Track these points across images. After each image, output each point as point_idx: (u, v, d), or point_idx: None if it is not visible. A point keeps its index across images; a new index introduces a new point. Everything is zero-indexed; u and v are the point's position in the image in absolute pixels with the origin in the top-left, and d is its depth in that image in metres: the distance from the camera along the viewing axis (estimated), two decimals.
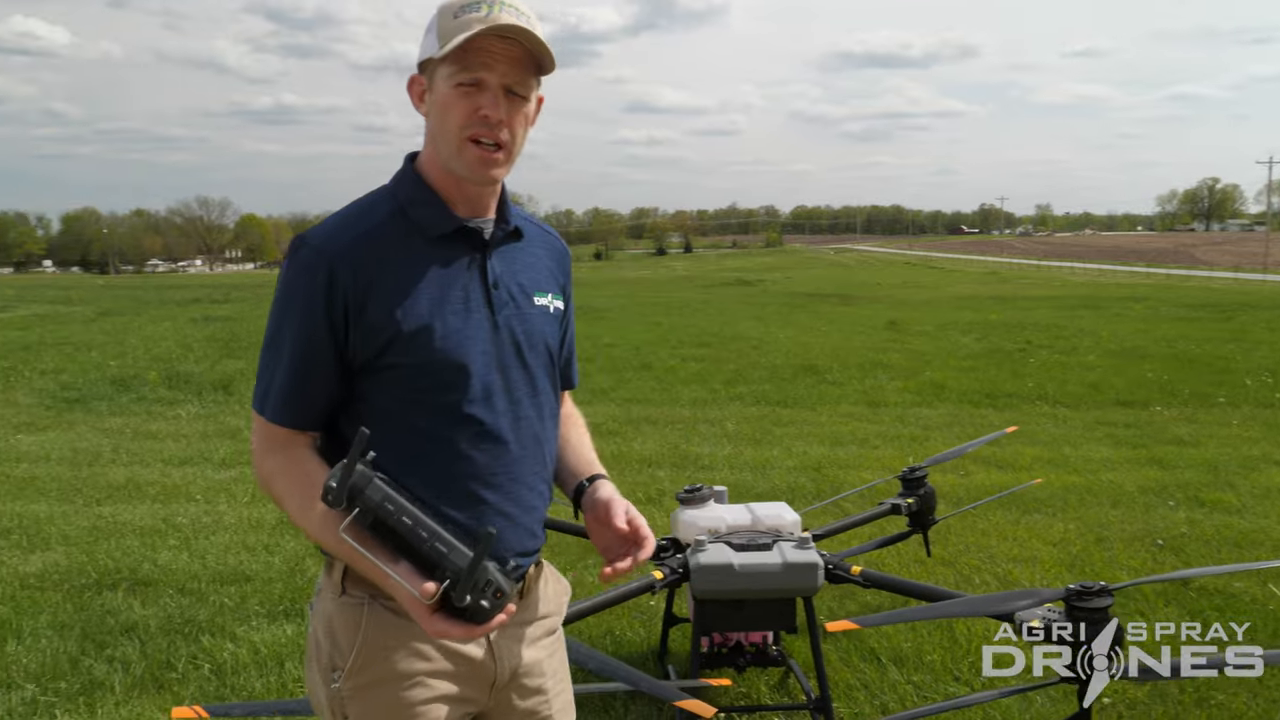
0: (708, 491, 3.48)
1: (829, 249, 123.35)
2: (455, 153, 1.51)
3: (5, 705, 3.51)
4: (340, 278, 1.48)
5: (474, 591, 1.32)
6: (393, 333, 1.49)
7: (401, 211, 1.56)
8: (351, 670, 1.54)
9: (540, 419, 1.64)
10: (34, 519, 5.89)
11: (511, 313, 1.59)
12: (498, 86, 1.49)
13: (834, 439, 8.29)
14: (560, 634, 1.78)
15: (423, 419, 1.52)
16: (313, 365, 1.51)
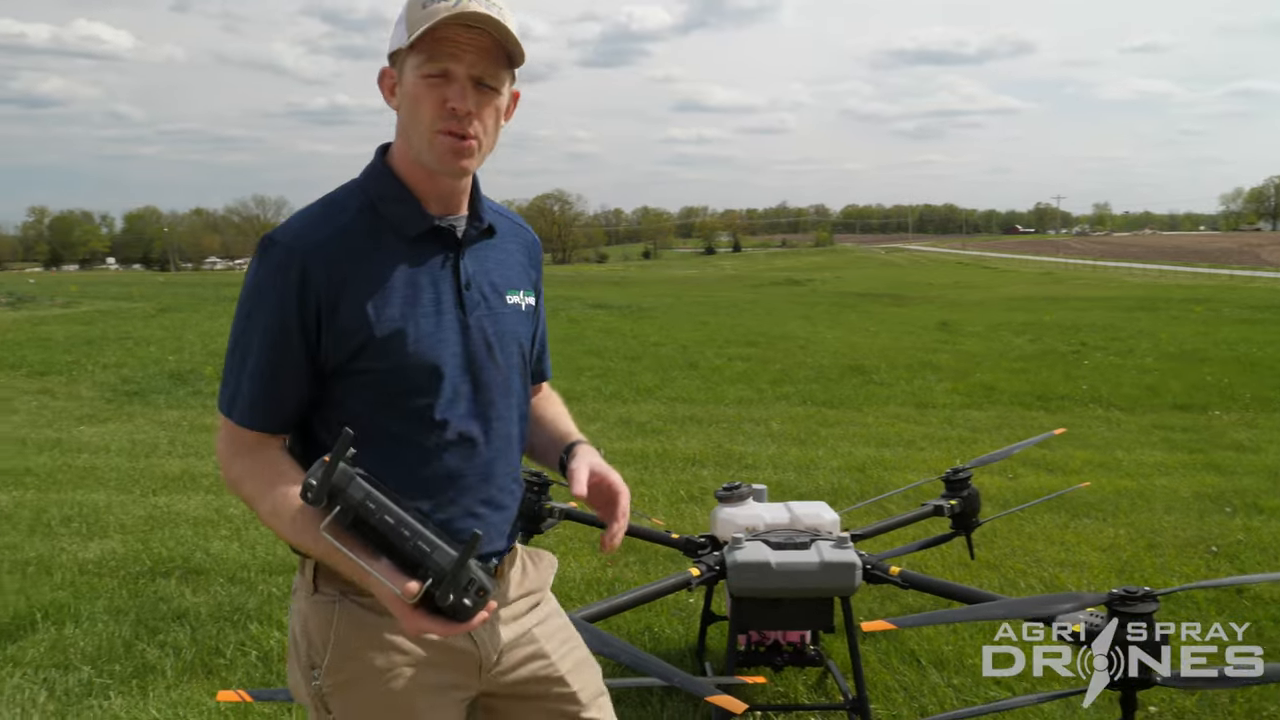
0: (746, 490, 3.49)
1: (880, 248, 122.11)
2: (426, 145, 1.48)
3: (63, 685, 3.62)
4: (313, 277, 1.45)
5: (458, 591, 1.32)
6: (365, 337, 1.47)
7: (372, 207, 1.53)
8: (329, 668, 1.55)
9: (513, 419, 1.65)
10: (93, 508, 6.07)
11: (483, 313, 1.58)
12: (465, 78, 1.46)
13: (880, 440, 8.21)
14: (549, 601, 1.79)
15: (394, 422, 1.51)
16: (282, 367, 1.48)
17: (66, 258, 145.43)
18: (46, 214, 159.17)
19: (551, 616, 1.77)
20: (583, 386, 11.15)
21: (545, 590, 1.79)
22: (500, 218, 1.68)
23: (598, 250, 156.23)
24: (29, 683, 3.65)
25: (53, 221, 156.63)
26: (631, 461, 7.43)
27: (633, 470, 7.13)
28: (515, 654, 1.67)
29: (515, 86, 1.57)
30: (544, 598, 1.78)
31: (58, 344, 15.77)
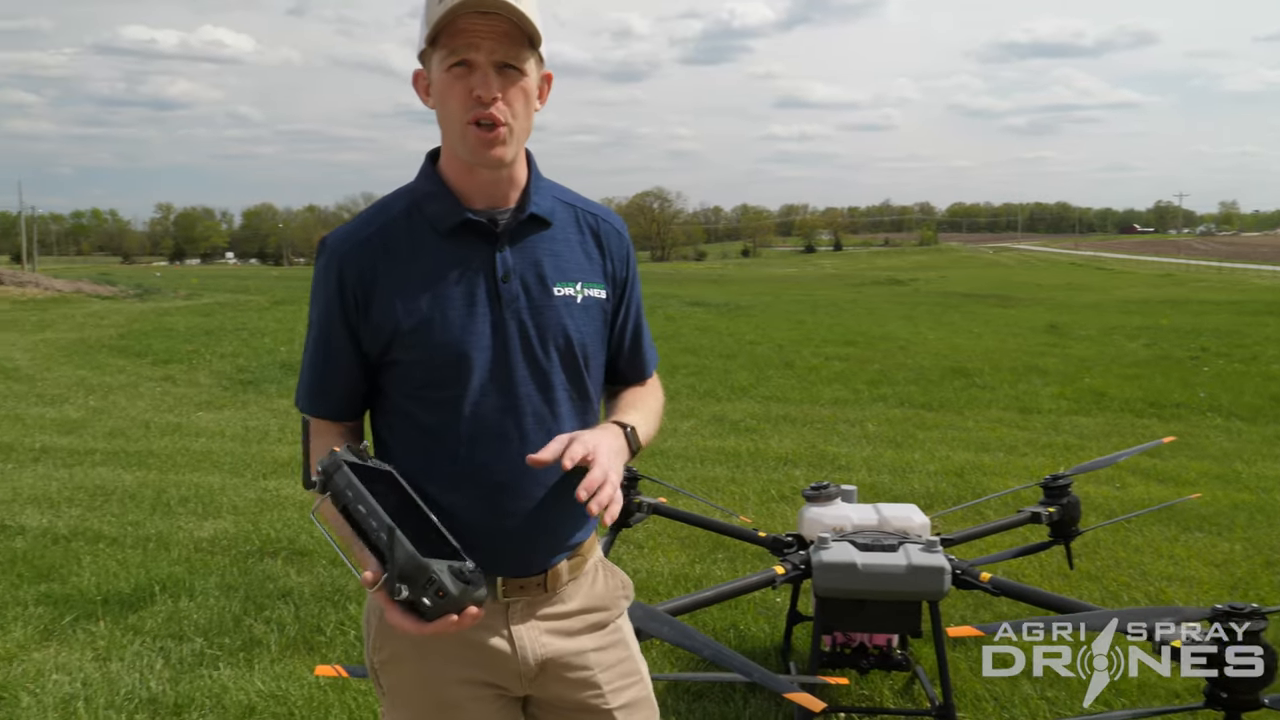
0: (835, 490, 3.46)
1: (987, 248, 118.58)
2: (459, 138, 1.50)
3: (178, 654, 3.84)
4: (348, 278, 1.52)
5: (412, 587, 1.30)
6: (393, 330, 1.51)
7: (416, 207, 1.56)
8: (375, 644, 1.62)
9: (554, 415, 1.58)
10: (209, 489, 6.40)
11: (522, 306, 1.55)
12: (487, 64, 1.45)
13: (980, 444, 8.00)
14: (618, 629, 1.73)
15: (427, 415, 1.54)
16: (331, 360, 1.58)
17: (189, 252, 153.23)
18: (172, 211, 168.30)
19: (615, 646, 1.70)
20: (677, 384, 11.18)
21: (613, 613, 1.72)
22: (565, 207, 1.64)
23: (696, 248, 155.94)
24: (147, 650, 3.88)
25: (177, 218, 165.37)
26: (724, 459, 7.42)
27: (724, 468, 7.13)
28: (564, 673, 1.63)
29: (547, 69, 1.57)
30: (610, 621, 1.72)
31: (179, 334, 16.63)
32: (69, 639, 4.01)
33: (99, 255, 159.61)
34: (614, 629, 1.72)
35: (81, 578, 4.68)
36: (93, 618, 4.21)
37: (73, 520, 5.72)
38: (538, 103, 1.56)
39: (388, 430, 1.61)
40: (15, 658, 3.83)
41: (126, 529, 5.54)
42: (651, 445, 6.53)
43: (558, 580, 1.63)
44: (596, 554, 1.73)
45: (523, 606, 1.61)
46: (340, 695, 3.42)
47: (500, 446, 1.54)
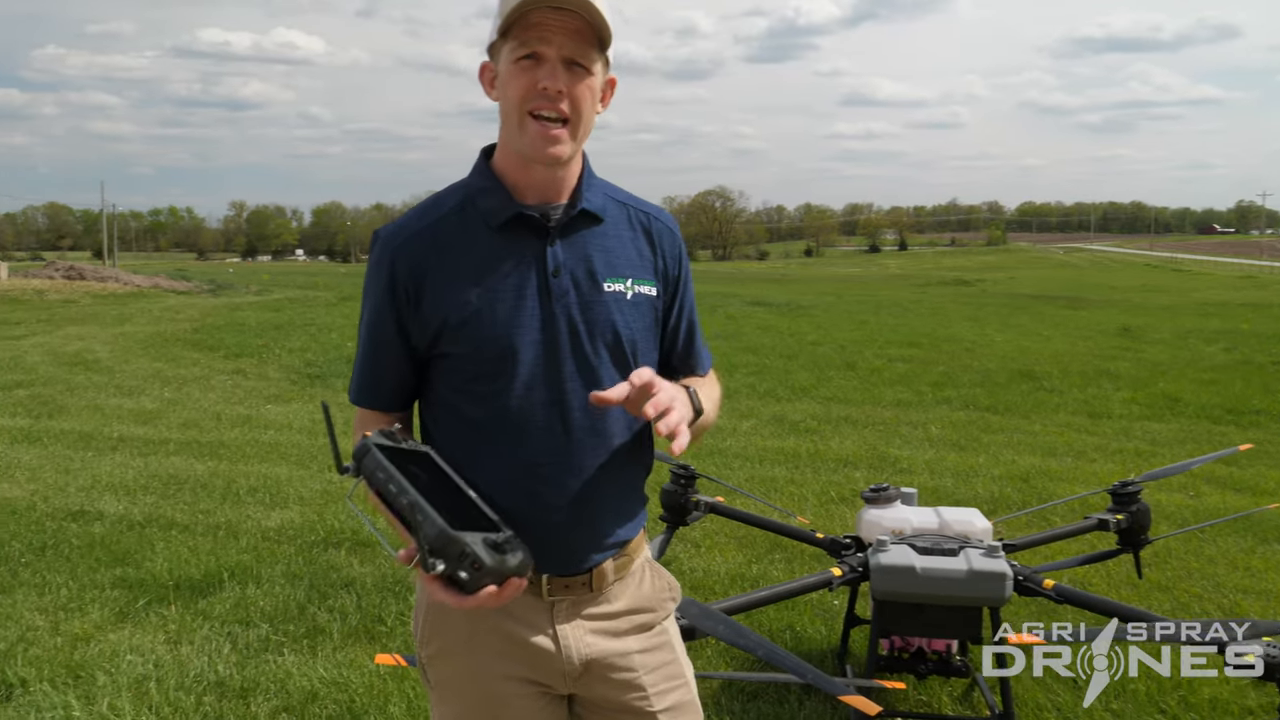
0: (894, 492, 3.41)
1: (1058, 248, 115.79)
2: (517, 129, 1.50)
3: (244, 640, 3.95)
4: (399, 271, 1.54)
5: (447, 561, 1.30)
6: (441, 323, 1.52)
7: (470, 201, 1.57)
8: (424, 639, 1.64)
9: (602, 413, 1.57)
10: (276, 480, 6.56)
11: (571, 301, 1.55)
12: (556, 59, 1.46)
13: (1047, 449, 7.82)
14: (664, 631, 1.71)
15: (473, 408, 1.55)
16: (381, 352, 1.59)
17: (261, 249, 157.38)
18: (244, 208, 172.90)
19: (661, 649, 1.69)
20: (737, 383, 11.13)
21: (660, 615, 1.71)
22: (616, 204, 1.65)
23: (758, 247, 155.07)
24: (216, 634, 4.00)
25: (250, 215, 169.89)
26: (783, 460, 7.37)
27: (783, 469, 7.08)
28: (608, 674, 1.63)
29: (612, 73, 1.58)
30: (656, 623, 1.70)
31: (250, 329, 17.07)
32: (143, 621, 4.15)
33: (175, 251, 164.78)
34: (660, 631, 1.71)
35: (155, 563, 4.83)
36: (165, 602, 4.35)
37: (147, 507, 5.91)
38: (600, 105, 1.56)
39: (434, 423, 1.63)
40: (93, 638, 3.97)
41: (198, 517, 5.70)
42: (710, 444, 6.52)
43: (603, 580, 1.62)
44: (644, 554, 1.72)
45: (568, 605, 1.61)
46: (399, 684, 3.48)
47: (546, 441, 1.54)
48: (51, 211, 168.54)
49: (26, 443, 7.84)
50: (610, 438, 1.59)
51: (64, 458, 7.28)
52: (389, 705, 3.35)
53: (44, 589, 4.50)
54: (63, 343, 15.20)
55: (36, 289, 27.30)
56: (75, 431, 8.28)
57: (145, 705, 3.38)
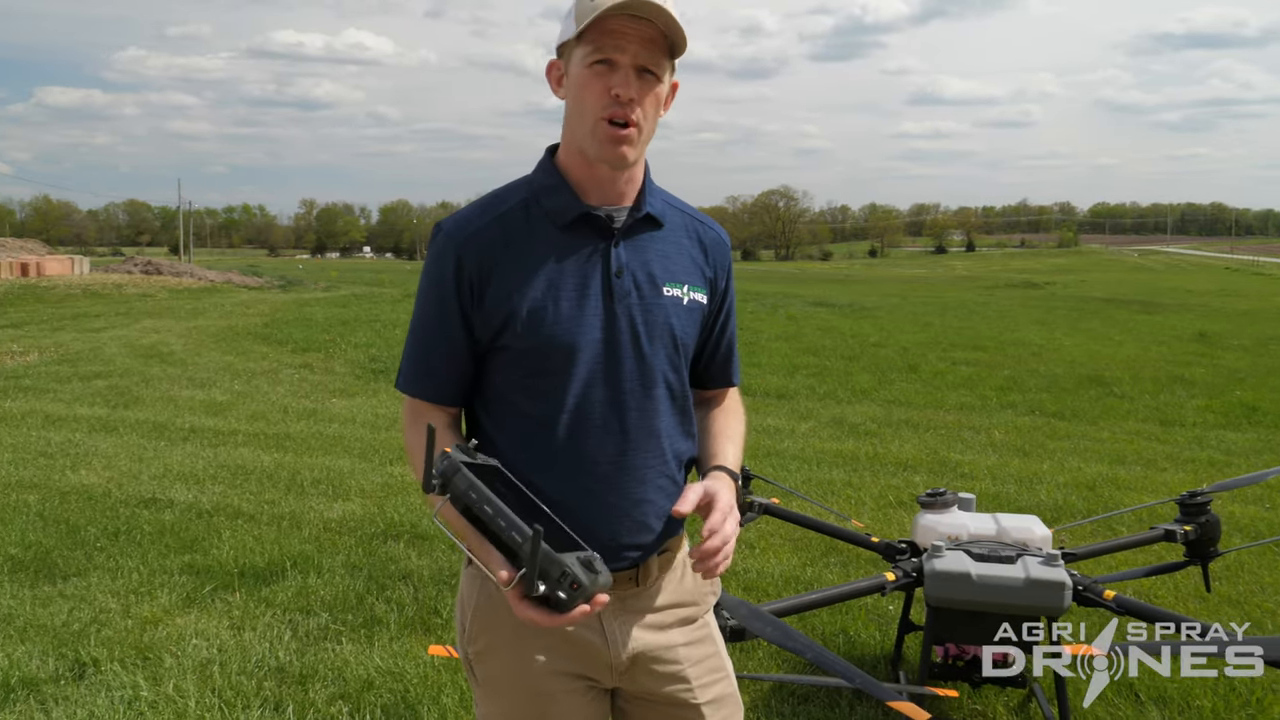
0: (951, 497, 3.36)
1: (1132, 250, 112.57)
2: (589, 133, 1.52)
3: (305, 627, 4.04)
4: (465, 264, 1.55)
5: (547, 582, 1.33)
6: (506, 316, 1.54)
7: (534, 199, 1.59)
8: (471, 635, 1.65)
9: (656, 412, 1.61)
10: (339, 473, 6.70)
11: (633, 302, 1.57)
12: (630, 66, 1.49)
13: (1115, 457, 7.61)
14: (706, 624, 1.74)
15: (531, 403, 1.56)
16: (439, 343, 1.59)
17: (329, 246, 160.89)
18: (314, 206, 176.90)
19: (704, 642, 1.72)
20: (797, 385, 11.06)
21: (701, 609, 1.74)
22: (675, 211, 1.68)
23: (822, 248, 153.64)
24: (277, 622, 4.10)
25: (319, 213, 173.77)
26: (841, 463, 7.30)
27: (841, 472, 7.01)
28: (653, 666, 1.65)
29: (675, 77, 1.60)
30: (699, 616, 1.73)
31: (318, 324, 17.46)
32: (208, 607, 4.28)
33: (248, 248, 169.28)
34: (702, 624, 1.73)
35: (221, 551, 4.97)
36: (230, 589, 4.48)
37: (215, 497, 6.08)
38: (663, 109, 1.60)
39: (487, 416, 1.63)
40: (161, 621, 4.11)
41: (263, 507, 5.86)
42: (768, 446, 6.51)
43: (648, 575, 1.65)
44: (684, 550, 1.74)
45: (615, 600, 1.61)
46: (453, 676, 3.53)
47: (602, 438, 1.57)
48: (131, 208, 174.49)
49: (104, 431, 8.13)
50: (662, 438, 1.63)
51: (138, 446, 7.54)
52: (442, 696, 3.40)
53: (117, 573, 4.66)
54: (139, 335, 15.72)
55: (116, 283, 28.28)
56: (149, 421, 8.56)
57: (208, 688, 3.48)
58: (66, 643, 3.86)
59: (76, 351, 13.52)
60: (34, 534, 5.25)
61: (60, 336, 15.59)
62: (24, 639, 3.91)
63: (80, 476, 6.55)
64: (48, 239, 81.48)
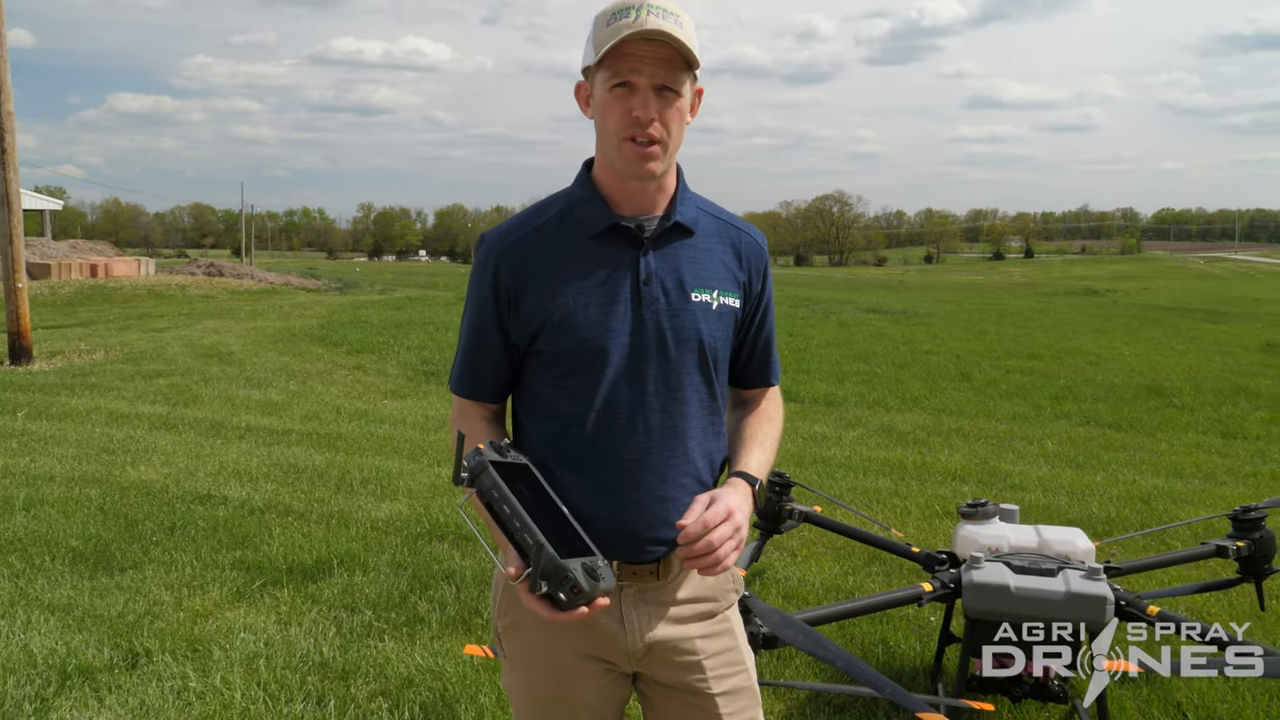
0: (993, 508, 3.32)
1: (1198, 257, 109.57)
2: (616, 152, 1.62)
3: (349, 624, 4.12)
4: (503, 273, 1.67)
5: (550, 584, 1.43)
6: (540, 321, 1.64)
7: (570, 210, 1.69)
8: (501, 609, 1.77)
9: (681, 414, 1.68)
10: (387, 473, 6.81)
11: (661, 308, 1.65)
12: (648, 87, 1.57)
13: (1172, 470, 7.43)
14: (727, 619, 1.80)
15: (563, 403, 1.67)
16: (483, 346, 1.73)
17: (386, 249, 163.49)
18: (372, 210, 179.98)
19: (722, 635, 1.78)
20: (846, 391, 10.97)
21: (722, 604, 1.80)
22: (709, 218, 1.75)
23: (876, 253, 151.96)
24: (323, 618, 4.19)
25: (377, 217, 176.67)
26: (888, 471, 7.23)
27: (888, 480, 6.94)
28: (670, 657, 1.72)
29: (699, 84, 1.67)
30: (719, 611, 1.79)
31: (372, 326, 17.73)
32: (257, 602, 4.38)
33: (307, 250, 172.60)
34: (722, 619, 1.80)
35: (271, 547, 5.09)
36: (278, 584, 4.58)
37: (268, 494, 6.22)
38: (689, 116, 1.67)
39: (524, 412, 1.75)
40: (211, 615, 4.22)
41: (313, 505, 5.98)
42: (813, 453, 6.47)
43: (669, 570, 1.72)
44: None
45: (635, 591, 1.71)
46: (491, 675, 3.58)
47: (627, 437, 1.65)
48: (196, 211, 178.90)
49: (164, 429, 8.36)
50: (687, 439, 1.71)
51: (196, 444, 7.74)
52: (479, 695, 3.44)
53: (171, 566, 4.80)
54: (200, 335, 16.13)
55: (180, 284, 29.05)
56: (207, 420, 8.79)
57: (254, 681, 3.56)
58: (121, 633, 3.99)
59: (140, 350, 13.91)
60: (94, 527, 5.42)
61: (126, 336, 16.06)
62: (81, 628, 4.04)
63: (140, 472, 6.75)
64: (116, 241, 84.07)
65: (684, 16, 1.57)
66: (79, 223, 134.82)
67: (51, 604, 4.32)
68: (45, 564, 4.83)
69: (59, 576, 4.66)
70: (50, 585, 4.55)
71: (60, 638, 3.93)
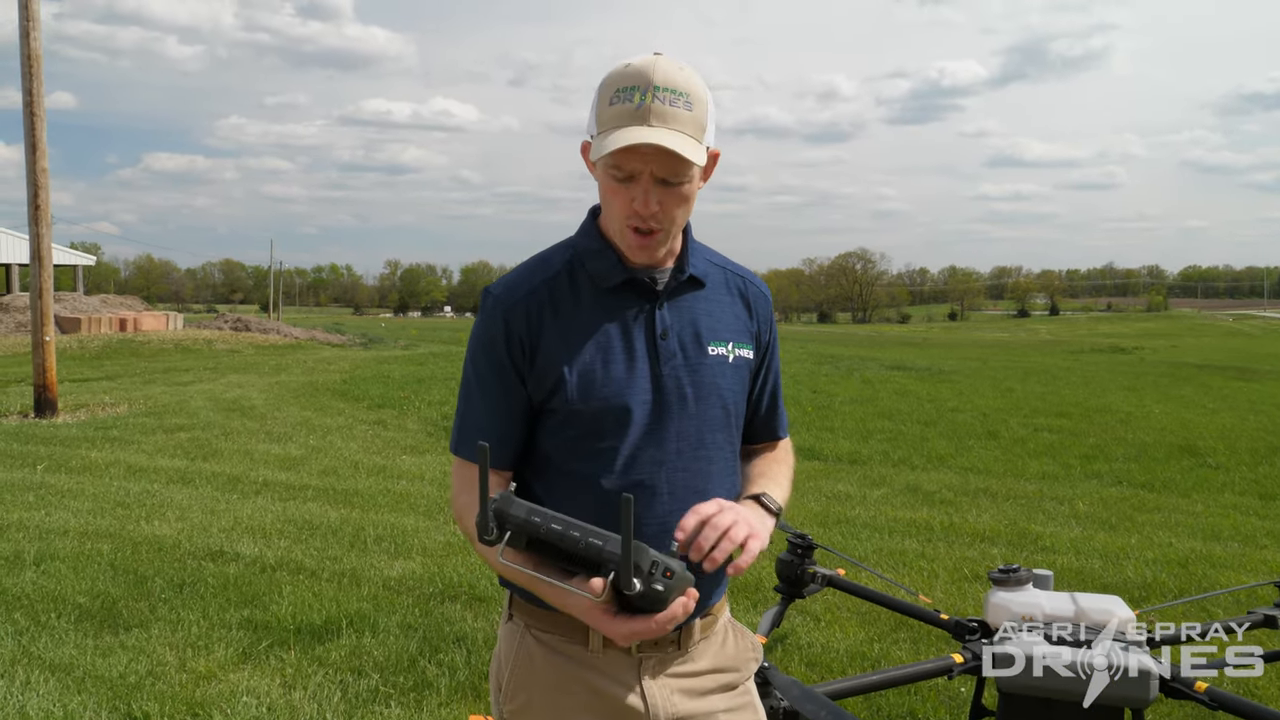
0: (1025, 574, 3.16)
1: (1227, 315, 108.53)
2: (618, 236, 1.57)
3: (355, 689, 3.98)
4: (515, 327, 1.56)
5: (640, 576, 1.27)
6: (556, 379, 1.54)
7: (579, 262, 1.61)
8: (507, 693, 1.62)
9: (705, 474, 1.60)
10: (402, 530, 6.70)
11: (679, 363, 1.58)
12: (649, 179, 1.48)
13: (1210, 533, 7.18)
14: (747, 691, 1.72)
15: (579, 464, 1.56)
16: (495, 406, 1.59)
17: (412, 305, 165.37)
18: (399, 267, 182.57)
19: (745, 709, 1.70)
20: (870, 450, 10.79)
21: (743, 675, 1.72)
22: (716, 269, 1.70)
23: (900, 310, 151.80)
24: (329, 681, 4.05)
25: (403, 273, 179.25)
26: (915, 532, 7.03)
27: (914, 542, 6.74)
28: None
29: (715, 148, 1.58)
30: (739, 683, 1.71)
31: (395, 381, 17.75)
32: (262, 664, 4.26)
33: (334, 306, 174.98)
34: (744, 691, 1.72)
35: (280, 606, 4.97)
36: (285, 645, 4.46)
37: (280, 551, 6.12)
38: (700, 185, 1.59)
39: (536, 478, 1.63)
40: (214, 676, 4.10)
41: (325, 563, 5.87)
42: (837, 513, 6.32)
43: (690, 638, 1.64)
44: (726, 614, 1.74)
45: (655, 663, 1.61)
46: None
47: (648, 499, 1.56)
48: (226, 268, 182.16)
49: (181, 483, 8.31)
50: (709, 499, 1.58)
51: (211, 499, 7.68)
52: None
53: (177, 625, 4.69)
54: (224, 389, 16.19)
55: (206, 339, 29.35)
56: (225, 474, 8.74)
57: None
58: (121, 695, 3.87)
59: (164, 404, 13.96)
60: (103, 583, 5.34)
61: (150, 389, 16.16)
62: (81, 689, 3.93)
63: (154, 527, 6.68)
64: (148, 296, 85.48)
65: (694, 92, 1.47)
66: (112, 278, 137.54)
67: (53, 663, 4.22)
68: (50, 621, 4.74)
69: (63, 635, 4.57)
70: (54, 644, 4.45)
71: (59, 700, 3.82)
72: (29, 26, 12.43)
